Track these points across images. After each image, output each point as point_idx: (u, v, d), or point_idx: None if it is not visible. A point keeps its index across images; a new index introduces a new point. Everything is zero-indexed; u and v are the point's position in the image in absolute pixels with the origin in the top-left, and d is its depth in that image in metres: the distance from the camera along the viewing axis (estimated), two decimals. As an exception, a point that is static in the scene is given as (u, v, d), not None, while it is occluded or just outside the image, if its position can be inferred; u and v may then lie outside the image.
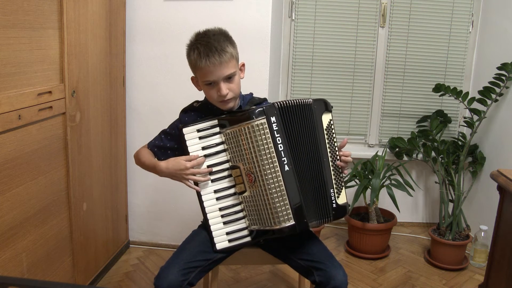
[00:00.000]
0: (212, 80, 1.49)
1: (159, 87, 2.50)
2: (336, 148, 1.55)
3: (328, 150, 1.52)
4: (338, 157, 1.55)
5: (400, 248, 2.76)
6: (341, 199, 1.54)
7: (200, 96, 1.72)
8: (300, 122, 1.48)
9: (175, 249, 1.55)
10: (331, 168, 1.53)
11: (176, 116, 1.69)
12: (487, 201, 2.66)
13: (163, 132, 1.66)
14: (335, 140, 1.55)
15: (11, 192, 1.53)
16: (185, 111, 1.65)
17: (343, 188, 1.56)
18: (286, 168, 1.43)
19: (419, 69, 2.91)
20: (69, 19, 1.79)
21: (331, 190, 1.52)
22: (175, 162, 1.51)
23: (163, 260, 2.50)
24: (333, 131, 1.55)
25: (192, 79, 1.60)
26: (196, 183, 1.52)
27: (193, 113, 1.63)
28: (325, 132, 1.52)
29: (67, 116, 1.83)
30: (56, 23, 1.72)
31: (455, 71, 2.90)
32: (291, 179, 1.43)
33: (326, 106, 1.54)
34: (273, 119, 1.42)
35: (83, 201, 2.02)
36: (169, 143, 1.63)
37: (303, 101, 1.50)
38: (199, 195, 1.53)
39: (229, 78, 1.50)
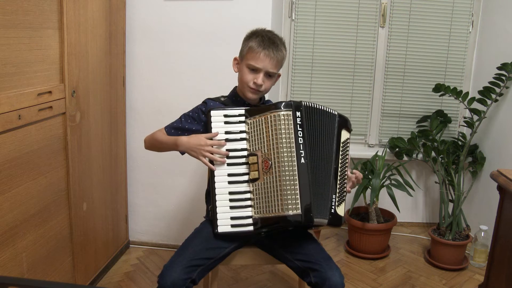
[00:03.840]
0: (258, 67, 1.62)
1: (159, 87, 2.49)
2: (347, 165, 1.62)
3: (340, 161, 1.59)
4: (346, 173, 1.61)
5: (400, 248, 2.76)
6: (340, 210, 1.58)
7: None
8: (322, 126, 1.56)
9: (175, 249, 1.56)
10: (338, 178, 1.58)
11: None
12: (487, 201, 2.66)
13: (184, 115, 1.70)
14: (347, 157, 1.63)
15: (11, 192, 1.53)
16: (210, 99, 1.72)
17: (343, 202, 1.61)
18: (302, 160, 1.48)
19: (419, 69, 2.91)
20: (69, 19, 1.79)
21: (333, 195, 1.55)
22: (196, 137, 1.57)
23: (163, 260, 2.50)
24: (348, 149, 1.63)
25: (235, 59, 1.72)
26: (212, 162, 1.55)
27: (218, 104, 1.71)
28: (341, 145, 1.59)
29: (67, 116, 1.83)
30: (56, 23, 1.72)
31: (455, 71, 2.90)
32: (304, 172, 1.47)
33: (347, 124, 1.64)
34: (298, 113, 1.50)
35: (83, 201, 2.02)
36: (188, 125, 1.66)
37: (330, 110, 1.59)
38: (212, 175, 1.55)
39: (269, 76, 1.65)
